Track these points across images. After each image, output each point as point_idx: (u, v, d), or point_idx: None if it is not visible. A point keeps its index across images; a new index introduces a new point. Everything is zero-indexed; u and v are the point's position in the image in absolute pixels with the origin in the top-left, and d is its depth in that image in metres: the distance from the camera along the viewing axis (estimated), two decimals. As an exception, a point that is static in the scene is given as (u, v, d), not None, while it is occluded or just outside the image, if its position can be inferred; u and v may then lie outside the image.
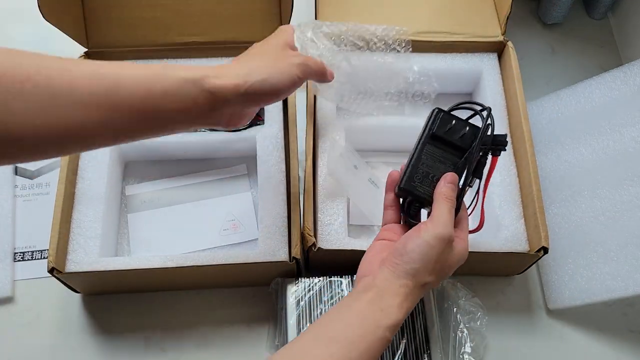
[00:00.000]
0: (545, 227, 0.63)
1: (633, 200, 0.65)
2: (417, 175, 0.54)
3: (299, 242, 0.63)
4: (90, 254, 0.63)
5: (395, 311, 0.46)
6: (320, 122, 0.71)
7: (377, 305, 0.46)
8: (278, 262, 0.62)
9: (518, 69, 0.72)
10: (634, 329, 0.70)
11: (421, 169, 0.54)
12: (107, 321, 0.68)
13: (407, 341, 0.61)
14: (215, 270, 0.62)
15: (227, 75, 0.47)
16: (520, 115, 0.69)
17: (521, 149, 0.69)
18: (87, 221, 0.65)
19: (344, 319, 0.47)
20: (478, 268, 0.70)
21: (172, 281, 0.67)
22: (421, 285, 0.48)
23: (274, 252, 0.63)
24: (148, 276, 0.64)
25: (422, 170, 0.54)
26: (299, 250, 0.62)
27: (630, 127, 0.68)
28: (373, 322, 0.46)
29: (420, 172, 0.54)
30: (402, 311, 0.47)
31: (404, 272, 0.47)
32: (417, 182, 0.54)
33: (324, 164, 0.68)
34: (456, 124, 0.55)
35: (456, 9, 0.80)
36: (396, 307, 0.47)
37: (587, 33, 0.91)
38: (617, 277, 0.64)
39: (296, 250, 0.62)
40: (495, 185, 0.69)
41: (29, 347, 0.67)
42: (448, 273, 0.51)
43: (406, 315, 0.48)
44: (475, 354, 0.64)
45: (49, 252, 0.60)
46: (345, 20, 0.76)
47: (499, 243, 0.65)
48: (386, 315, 0.46)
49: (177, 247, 0.70)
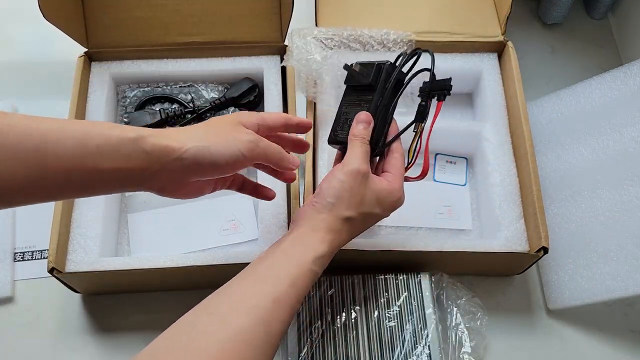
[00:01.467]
0: (545, 227, 0.63)
1: (633, 200, 0.65)
2: (339, 124, 0.58)
3: None
4: (91, 254, 0.63)
5: (317, 245, 0.49)
6: (320, 121, 0.71)
7: (300, 241, 0.50)
8: None
9: (518, 69, 0.72)
10: (634, 329, 0.70)
11: (342, 117, 0.58)
12: (107, 321, 0.68)
13: (408, 341, 0.61)
14: (215, 270, 0.62)
15: (166, 136, 0.45)
16: (520, 115, 0.69)
17: (521, 148, 0.69)
18: (87, 221, 0.65)
19: (270, 257, 0.49)
20: (478, 268, 0.71)
21: (172, 281, 0.67)
22: (342, 220, 0.51)
23: None
24: (148, 276, 0.64)
25: (342, 119, 0.57)
26: None
27: (630, 127, 0.68)
28: (297, 258, 0.48)
29: (342, 120, 0.57)
30: (324, 244, 0.50)
31: (322, 207, 0.51)
32: (339, 130, 0.57)
33: (324, 164, 0.69)
34: (362, 68, 0.58)
35: (456, 9, 0.80)
36: (318, 240, 0.50)
37: (587, 33, 0.91)
38: (617, 277, 0.64)
39: None
40: (495, 185, 0.69)
41: (29, 347, 0.67)
42: (372, 209, 0.53)
43: (332, 248, 0.51)
44: (475, 354, 0.64)
45: (49, 252, 0.60)
46: (345, 20, 0.76)
47: (498, 243, 0.65)
48: (311, 249, 0.49)
49: (177, 247, 0.70)
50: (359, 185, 0.52)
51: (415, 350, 0.60)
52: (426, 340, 0.61)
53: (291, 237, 0.51)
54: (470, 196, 0.75)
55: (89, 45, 0.74)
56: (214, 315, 0.45)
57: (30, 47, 0.86)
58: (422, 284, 0.64)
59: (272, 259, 0.49)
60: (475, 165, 0.76)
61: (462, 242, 0.65)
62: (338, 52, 0.73)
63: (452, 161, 0.77)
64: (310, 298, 0.63)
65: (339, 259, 0.64)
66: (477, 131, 0.73)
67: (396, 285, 0.64)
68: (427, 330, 0.61)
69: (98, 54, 0.74)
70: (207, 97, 0.76)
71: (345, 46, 0.74)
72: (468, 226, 0.73)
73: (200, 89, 0.77)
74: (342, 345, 0.60)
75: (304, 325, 0.61)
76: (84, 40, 0.73)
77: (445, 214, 0.73)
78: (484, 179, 0.72)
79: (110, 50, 0.74)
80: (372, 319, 0.62)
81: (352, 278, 0.64)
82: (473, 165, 0.77)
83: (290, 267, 0.48)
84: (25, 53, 0.87)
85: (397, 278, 0.64)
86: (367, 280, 0.64)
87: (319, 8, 0.78)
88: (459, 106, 0.81)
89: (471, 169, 0.77)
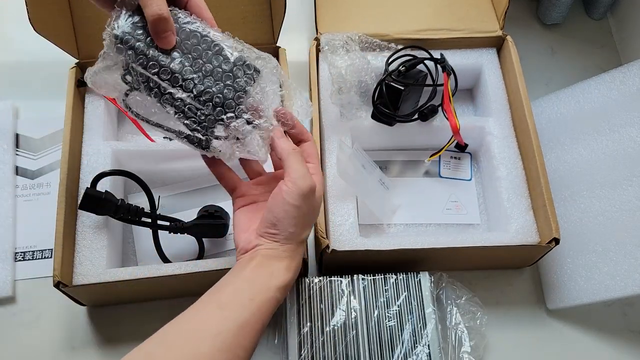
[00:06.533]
0: (555, 218, 0.63)
1: (632, 200, 0.66)
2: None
3: (305, 243, 0.63)
4: (98, 266, 0.62)
5: (283, 273, 0.49)
6: (325, 124, 0.72)
7: (266, 270, 0.49)
8: None
9: (519, 63, 0.73)
10: (634, 329, 0.70)
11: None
12: (108, 321, 0.69)
13: (407, 340, 0.61)
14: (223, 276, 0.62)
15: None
16: (524, 108, 0.70)
17: (526, 141, 0.69)
18: (91, 233, 0.64)
19: (233, 284, 0.48)
20: (488, 262, 0.71)
21: (178, 288, 0.66)
22: (302, 241, 0.52)
23: None
24: (156, 284, 0.63)
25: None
26: (305, 250, 0.62)
27: (629, 128, 0.69)
28: (262, 285, 0.48)
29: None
30: (290, 272, 0.50)
31: (284, 238, 0.50)
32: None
33: (332, 165, 0.69)
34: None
35: (454, 5, 0.80)
36: (284, 269, 0.49)
37: (586, 33, 0.91)
38: (616, 276, 0.64)
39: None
40: (502, 178, 0.69)
41: (30, 347, 0.67)
42: (317, 214, 0.53)
43: (295, 273, 0.51)
44: (475, 354, 0.64)
45: (54, 266, 0.59)
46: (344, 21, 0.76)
47: (509, 236, 0.66)
48: (275, 277, 0.49)
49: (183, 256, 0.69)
50: (312, 201, 0.50)
51: (415, 349, 0.60)
52: (426, 340, 0.61)
53: (255, 264, 0.49)
54: (476, 191, 0.76)
55: (80, 56, 0.73)
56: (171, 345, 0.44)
57: (30, 48, 0.86)
58: (421, 283, 0.64)
59: (235, 286, 0.48)
60: (479, 160, 0.77)
61: (474, 237, 0.65)
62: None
63: (456, 157, 0.77)
64: (311, 298, 0.63)
65: (354, 259, 0.65)
66: (480, 126, 0.73)
67: (396, 284, 0.64)
68: (426, 330, 0.61)
69: (90, 64, 0.73)
70: None
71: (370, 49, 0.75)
72: (476, 220, 0.74)
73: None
74: (342, 345, 0.60)
75: (304, 326, 0.61)
76: (75, 52, 0.73)
77: (453, 209, 0.74)
78: (490, 173, 0.72)
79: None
80: (372, 318, 0.62)
81: (352, 278, 0.64)
82: (477, 160, 0.77)
83: (255, 294, 0.47)
84: (26, 54, 0.88)
85: (396, 278, 0.64)
86: (367, 279, 0.64)
87: (319, 10, 0.79)
88: (460, 102, 0.81)
89: (475, 163, 0.77)
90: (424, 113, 0.70)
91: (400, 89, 0.67)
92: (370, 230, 0.72)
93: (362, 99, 0.70)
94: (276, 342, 0.65)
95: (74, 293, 0.63)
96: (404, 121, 0.71)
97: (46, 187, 0.76)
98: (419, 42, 0.75)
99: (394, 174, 0.76)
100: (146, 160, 0.72)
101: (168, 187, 0.74)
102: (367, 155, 0.69)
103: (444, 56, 0.72)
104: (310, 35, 0.86)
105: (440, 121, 0.72)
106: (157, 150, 0.71)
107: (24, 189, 0.76)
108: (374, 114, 0.71)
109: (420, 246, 0.64)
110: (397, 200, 0.74)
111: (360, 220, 0.69)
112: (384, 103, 0.69)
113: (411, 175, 0.76)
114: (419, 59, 0.71)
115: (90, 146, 0.70)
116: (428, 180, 0.76)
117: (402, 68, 0.69)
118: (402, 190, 0.75)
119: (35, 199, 0.76)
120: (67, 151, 0.66)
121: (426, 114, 0.70)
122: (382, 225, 0.73)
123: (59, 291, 0.60)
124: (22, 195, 0.76)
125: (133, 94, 0.51)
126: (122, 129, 0.77)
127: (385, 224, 0.73)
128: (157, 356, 0.43)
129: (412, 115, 0.71)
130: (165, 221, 0.66)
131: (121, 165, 0.71)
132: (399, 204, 0.74)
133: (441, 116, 0.71)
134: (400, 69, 0.69)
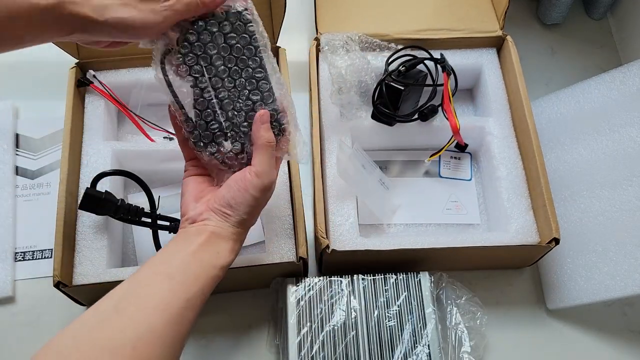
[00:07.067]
0: (555, 219, 0.63)
1: (632, 200, 0.66)
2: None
3: (305, 242, 0.63)
4: (98, 266, 0.63)
5: (227, 254, 0.51)
6: (325, 124, 0.72)
7: (213, 248, 0.50)
8: (286, 262, 0.63)
9: (519, 63, 0.73)
10: (634, 329, 0.70)
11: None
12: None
13: (407, 340, 0.61)
14: (231, 272, 0.62)
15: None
16: (524, 108, 0.70)
17: (526, 141, 0.69)
18: (91, 233, 0.65)
19: (181, 257, 0.49)
20: (489, 262, 0.71)
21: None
22: (247, 228, 0.54)
23: (281, 253, 0.64)
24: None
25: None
26: (305, 250, 0.62)
27: (629, 128, 0.69)
28: (208, 263, 0.49)
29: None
30: (233, 254, 0.52)
31: (236, 222, 0.52)
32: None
33: (332, 165, 0.69)
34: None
35: (454, 5, 0.80)
36: (229, 250, 0.51)
37: (586, 33, 0.91)
38: (616, 276, 0.64)
39: (302, 250, 0.62)
40: (502, 178, 0.69)
41: (30, 347, 0.67)
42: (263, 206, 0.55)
43: (236, 256, 0.53)
44: (475, 354, 0.64)
45: (54, 266, 0.59)
46: (344, 21, 0.76)
47: (509, 236, 0.66)
48: (221, 257, 0.51)
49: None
50: (267, 196, 0.54)
51: (415, 349, 0.60)
52: (426, 340, 0.61)
53: (202, 240, 0.50)
54: (476, 191, 0.76)
55: (80, 56, 0.73)
56: (123, 312, 0.44)
57: (30, 48, 0.86)
58: (421, 283, 0.64)
59: (183, 260, 0.49)
60: (479, 160, 0.77)
61: (474, 237, 0.66)
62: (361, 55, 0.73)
63: (456, 157, 0.77)
64: (311, 298, 0.63)
65: (354, 259, 0.65)
66: (480, 126, 0.73)
67: (396, 284, 0.64)
68: (426, 330, 0.61)
69: (90, 64, 0.73)
70: None
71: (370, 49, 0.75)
72: (476, 220, 0.74)
73: None
74: (342, 345, 0.60)
75: (304, 326, 0.61)
76: (74, 52, 0.73)
77: (454, 209, 0.74)
78: (490, 173, 0.72)
79: (102, 59, 0.73)
80: (372, 318, 0.62)
81: (352, 278, 0.64)
82: (477, 160, 0.77)
83: (201, 271, 0.49)
84: (26, 53, 0.87)
85: (396, 278, 0.64)
86: (367, 280, 0.64)
87: (319, 10, 0.79)
88: (460, 102, 0.81)
89: (475, 163, 0.77)
90: (424, 113, 0.71)
91: (400, 89, 0.67)
92: (370, 230, 0.72)
93: (362, 99, 0.70)
94: (276, 341, 0.66)
95: (74, 293, 0.63)
96: (404, 121, 0.71)
97: (46, 187, 0.76)
98: (419, 42, 0.76)
99: (394, 174, 0.76)
100: (146, 160, 0.72)
101: (168, 187, 0.74)
102: (367, 155, 0.69)
103: (444, 56, 0.72)
104: (310, 35, 0.86)
105: (440, 121, 0.72)
106: (157, 150, 0.71)
107: (24, 189, 0.76)
108: (374, 114, 0.71)
109: (420, 246, 0.64)
110: (397, 200, 0.74)
111: (360, 220, 0.69)
112: (384, 103, 0.69)
113: (411, 175, 0.76)
114: (419, 59, 0.71)
115: (90, 146, 0.70)
116: (428, 180, 0.76)
117: (402, 68, 0.70)
118: (402, 190, 0.75)
119: (35, 199, 0.76)
120: (67, 151, 0.66)
121: (426, 114, 0.71)
122: (382, 225, 0.73)
123: (59, 291, 0.60)
124: (22, 195, 0.76)
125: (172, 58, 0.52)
126: (122, 129, 0.77)
127: (385, 224, 0.73)
128: (112, 321, 0.43)
129: (412, 115, 0.71)
130: (165, 221, 0.66)
131: (121, 165, 0.71)
132: (399, 204, 0.74)
133: (441, 116, 0.71)
134: (400, 69, 0.69)
